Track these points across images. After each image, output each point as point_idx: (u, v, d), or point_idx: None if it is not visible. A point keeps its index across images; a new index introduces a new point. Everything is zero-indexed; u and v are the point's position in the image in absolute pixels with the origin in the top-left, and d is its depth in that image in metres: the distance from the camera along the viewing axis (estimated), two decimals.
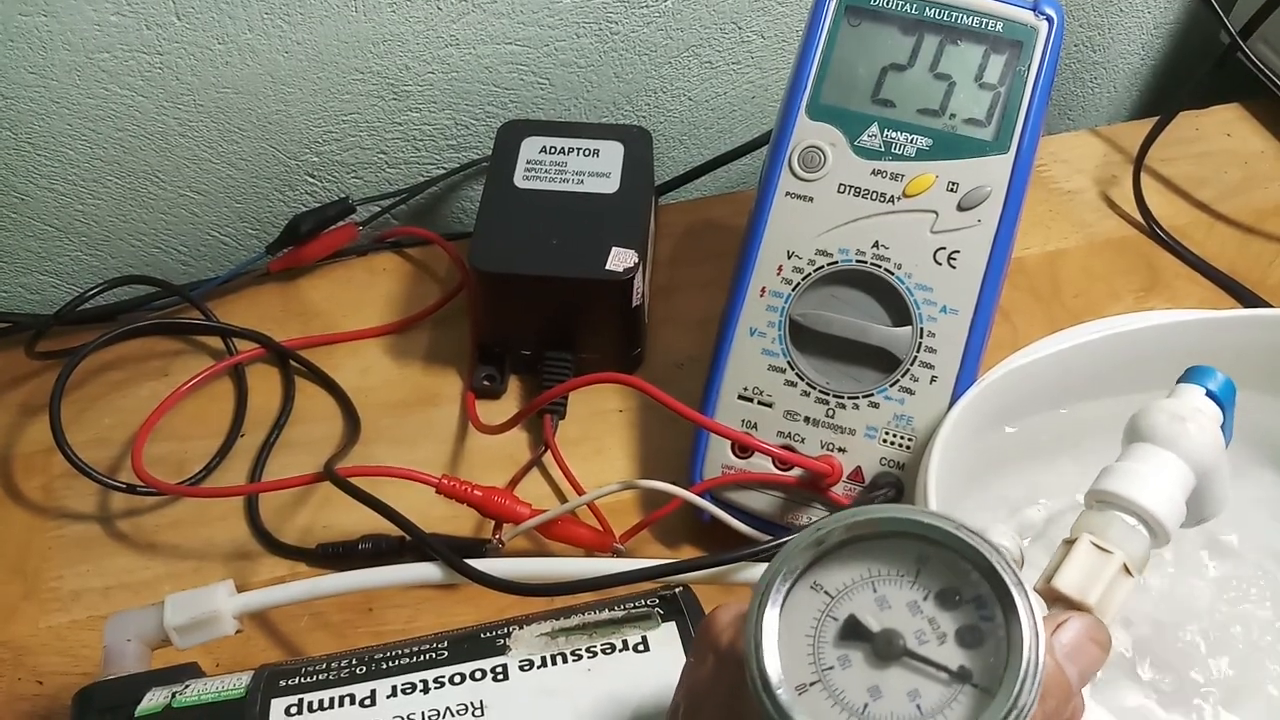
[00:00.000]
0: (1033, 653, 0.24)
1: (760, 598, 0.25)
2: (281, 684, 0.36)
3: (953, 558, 0.26)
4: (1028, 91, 0.47)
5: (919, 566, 0.26)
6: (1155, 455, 0.32)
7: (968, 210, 0.47)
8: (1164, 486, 0.31)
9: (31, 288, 0.65)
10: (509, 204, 0.55)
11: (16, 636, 0.49)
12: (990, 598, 0.25)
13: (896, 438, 0.47)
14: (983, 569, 0.25)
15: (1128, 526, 0.30)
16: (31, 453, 0.56)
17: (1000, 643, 0.24)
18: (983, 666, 0.24)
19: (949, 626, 0.25)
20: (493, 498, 0.48)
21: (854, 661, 0.25)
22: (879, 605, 0.26)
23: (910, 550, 0.26)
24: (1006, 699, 0.23)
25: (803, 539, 0.26)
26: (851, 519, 0.26)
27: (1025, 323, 0.59)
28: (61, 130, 0.58)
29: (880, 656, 0.25)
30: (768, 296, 0.48)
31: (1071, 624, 0.28)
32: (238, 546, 0.52)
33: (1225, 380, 0.34)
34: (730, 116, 0.71)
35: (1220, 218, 0.66)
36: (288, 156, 0.64)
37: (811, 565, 0.26)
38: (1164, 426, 0.32)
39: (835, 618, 0.26)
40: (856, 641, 0.25)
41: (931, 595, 0.25)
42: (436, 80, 0.63)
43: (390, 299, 0.62)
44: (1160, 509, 0.30)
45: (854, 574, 0.26)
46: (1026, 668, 0.24)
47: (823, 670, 0.25)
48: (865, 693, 0.25)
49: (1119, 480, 0.31)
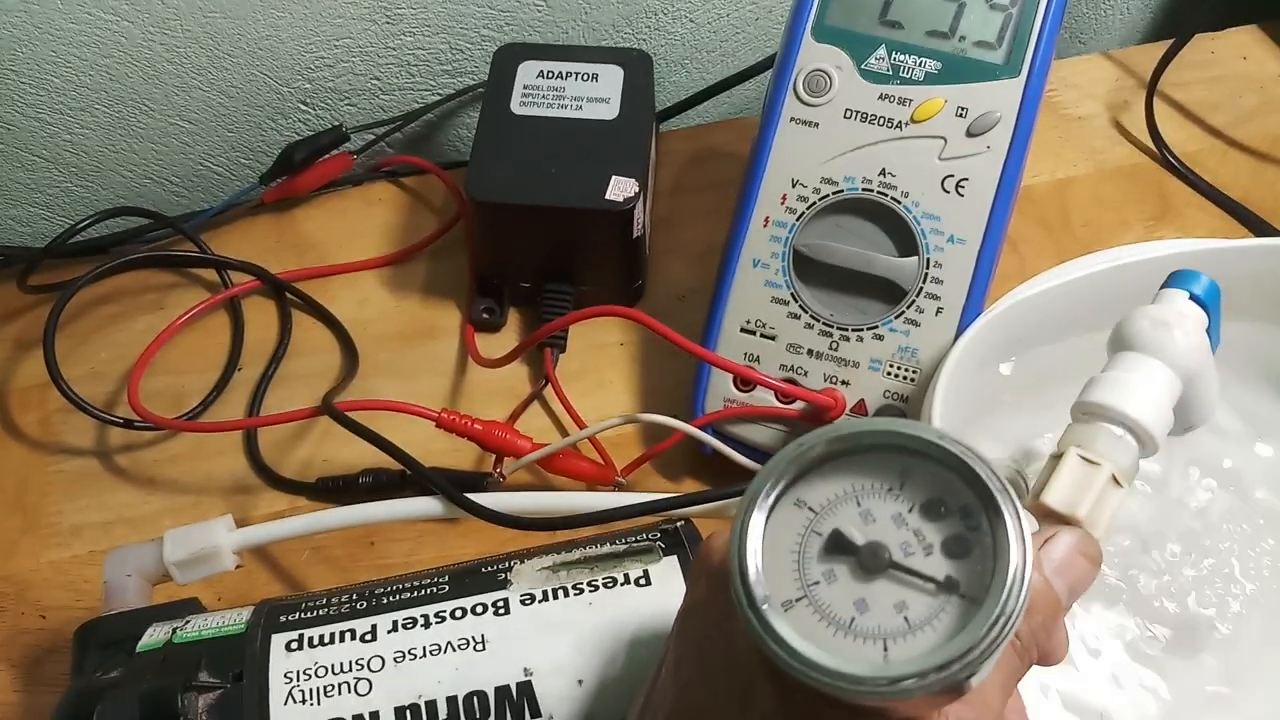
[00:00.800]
0: (1020, 560, 0.23)
1: (743, 516, 0.25)
2: (282, 619, 0.36)
3: (937, 468, 0.25)
4: (1040, 13, 0.46)
5: (903, 479, 0.25)
6: (1141, 363, 0.31)
7: (977, 136, 0.46)
8: (1150, 395, 0.30)
9: (22, 220, 0.64)
10: (506, 131, 0.54)
11: (18, 571, 0.49)
12: (975, 507, 0.24)
13: (901, 370, 0.47)
14: (967, 478, 0.25)
15: (1115, 437, 0.30)
16: (27, 387, 0.55)
17: (986, 552, 0.24)
18: (970, 576, 0.24)
19: (935, 537, 0.25)
20: (493, 431, 0.47)
21: (839, 576, 0.25)
22: (863, 519, 0.25)
23: (893, 463, 0.26)
24: (994, 607, 0.23)
25: (784, 455, 0.26)
26: (833, 434, 0.26)
27: (1033, 253, 0.58)
28: (45, 56, 0.57)
29: (866, 569, 0.25)
30: (771, 226, 0.47)
31: (1060, 538, 0.28)
32: (237, 481, 0.52)
33: (1210, 283, 0.33)
34: (733, 39, 0.69)
35: (1234, 144, 0.64)
36: (279, 83, 0.62)
37: (794, 482, 0.26)
38: (1148, 333, 0.31)
39: (819, 533, 0.25)
40: (841, 556, 0.25)
41: (916, 507, 0.25)
42: (431, 2, 0.61)
43: (386, 230, 0.61)
44: (1147, 417, 0.30)
45: (837, 489, 0.26)
46: (1013, 575, 0.23)
47: (808, 585, 0.25)
48: (852, 606, 0.24)
49: (1104, 390, 0.30)
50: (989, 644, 0.23)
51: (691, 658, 0.27)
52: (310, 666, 0.34)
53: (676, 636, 0.28)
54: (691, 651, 0.27)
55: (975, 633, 0.23)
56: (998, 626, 0.23)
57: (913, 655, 0.23)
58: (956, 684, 0.23)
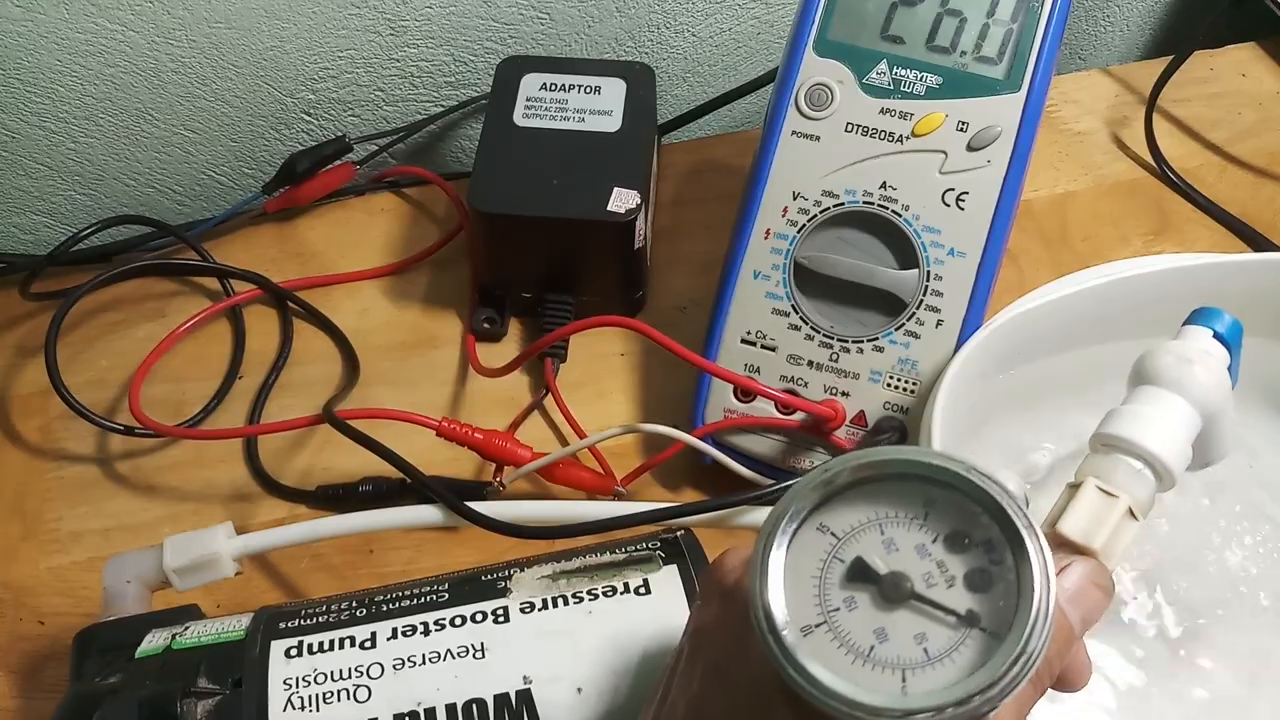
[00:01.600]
0: (1043, 597, 0.23)
1: (766, 538, 0.25)
2: (281, 626, 0.36)
3: (962, 500, 0.25)
4: (1040, 29, 0.46)
5: (927, 509, 0.25)
6: (1161, 398, 0.31)
7: (977, 150, 0.46)
8: (1170, 430, 0.30)
9: (24, 228, 0.64)
10: (508, 143, 0.54)
11: (18, 577, 0.49)
12: (1000, 541, 0.24)
13: (901, 382, 0.47)
14: (993, 511, 0.25)
15: (1133, 470, 0.30)
16: (29, 394, 0.55)
17: (1009, 587, 0.24)
18: (991, 611, 0.24)
19: (957, 570, 0.25)
20: (493, 440, 0.47)
21: (860, 604, 0.25)
22: (886, 547, 0.25)
23: (918, 492, 0.25)
24: (1016, 643, 0.23)
25: (810, 480, 0.26)
26: (859, 460, 0.25)
27: (1032, 267, 0.58)
28: (51, 65, 0.57)
29: (887, 599, 0.25)
30: (772, 238, 0.48)
31: (1074, 568, 0.28)
32: (237, 488, 0.52)
33: (1233, 321, 0.34)
34: (735, 53, 0.69)
35: (1233, 160, 0.65)
36: (283, 94, 0.62)
37: (818, 507, 0.26)
38: (1170, 369, 0.31)
39: (842, 559, 0.25)
40: (863, 584, 0.25)
41: (940, 538, 0.25)
42: (434, 15, 0.62)
43: (389, 240, 0.61)
44: (1166, 452, 0.30)
45: (861, 516, 0.26)
46: (1037, 612, 0.23)
47: (829, 612, 0.25)
48: (871, 635, 0.24)
49: (1125, 423, 0.31)
50: (1010, 681, 0.23)
51: (706, 678, 0.27)
52: (309, 673, 0.34)
53: (689, 655, 0.28)
54: (706, 672, 0.27)
55: (996, 669, 0.23)
56: (1020, 664, 0.23)
57: (931, 687, 0.23)
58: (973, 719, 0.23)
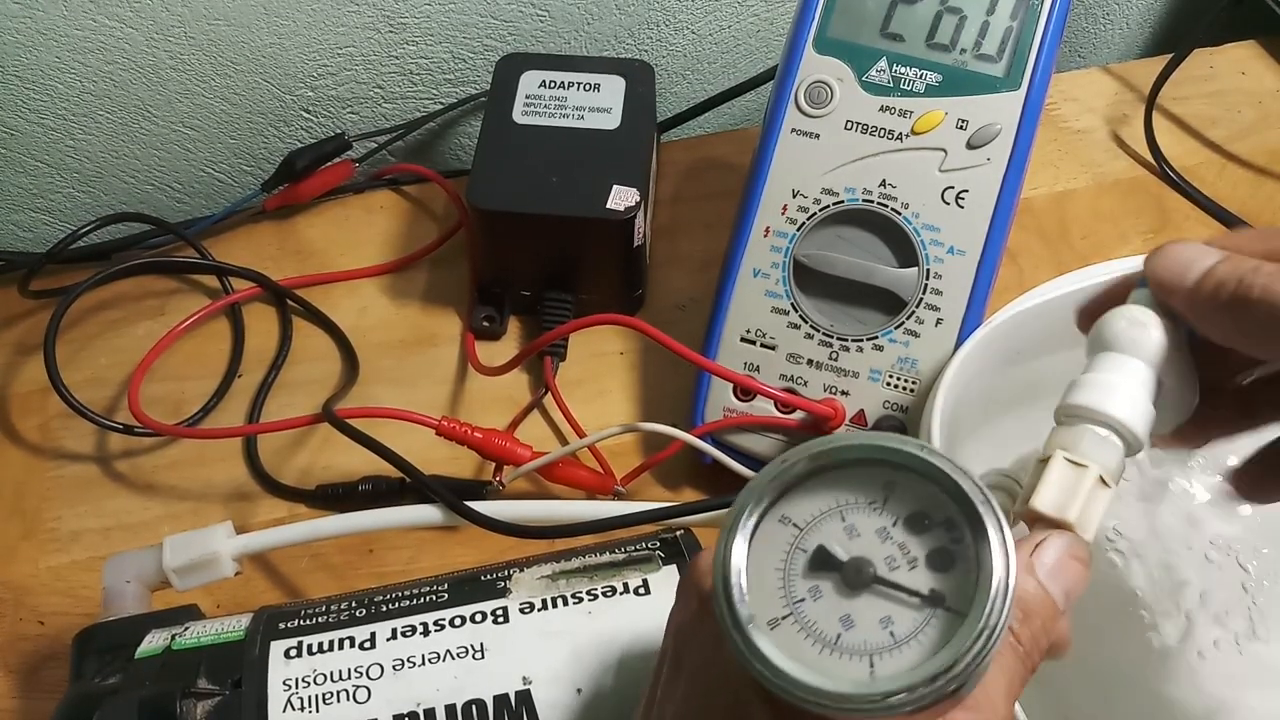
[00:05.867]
0: (1003, 572, 0.23)
1: (727, 534, 0.25)
2: (281, 626, 0.36)
3: (920, 482, 0.25)
4: (1040, 27, 0.46)
5: (886, 493, 0.25)
6: (1120, 363, 0.31)
7: (977, 149, 0.46)
8: (1130, 393, 0.30)
9: (24, 225, 0.64)
10: (508, 140, 0.54)
11: (17, 577, 0.49)
12: (959, 519, 0.24)
13: (900, 381, 0.47)
14: (950, 490, 0.25)
15: (1099, 438, 0.30)
16: (28, 392, 0.55)
17: (971, 564, 0.24)
18: (955, 589, 0.24)
19: (919, 551, 0.25)
20: (493, 439, 0.47)
21: (825, 592, 0.25)
22: (848, 534, 0.25)
23: (877, 477, 0.25)
24: (978, 619, 0.23)
25: (767, 473, 0.25)
26: (816, 449, 0.25)
27: (1032, 265, 0.58)
28: (49, 62, 0.57)
29: (850, 585, 0.24)
30: (772, 236, 0.48)
31: (1051, 543, 0.28)
32: (236, 488, 0.52)
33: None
34: (735, 51, 0.69)
35: (1232, 158, 0.65)
36: (282, 91, 0.62)
37: (779, 499, 0.26)
38: (1125, 333, 0.31)
39: (804, 549, 0.25)
40: (826, 572, 0.25)
41: (900, 521, 0.25)
42: (433, 12, 0.61)
43: (388, 237, 0.61)
44: (1130, 417, 0.30)
45: (822, 504, 0.25)
46: (997, 587, 0.23)
47: (794, 603, 0.25)
48: (838, 623, 0.24)
49: (1085, 392, 0.30)
50: (974, 657, 0.23)
51: (688, 680, 0.27)
52: (309, 674, 0.34)
53: (671, 658, 0.28)
54: (687, 674, 0.27)
55: (960, 646, 0.23)
56: (982, 639, 0.23)
57: (898, 670, 0.23)
58: (944, 697, 0.23)
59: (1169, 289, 0.30)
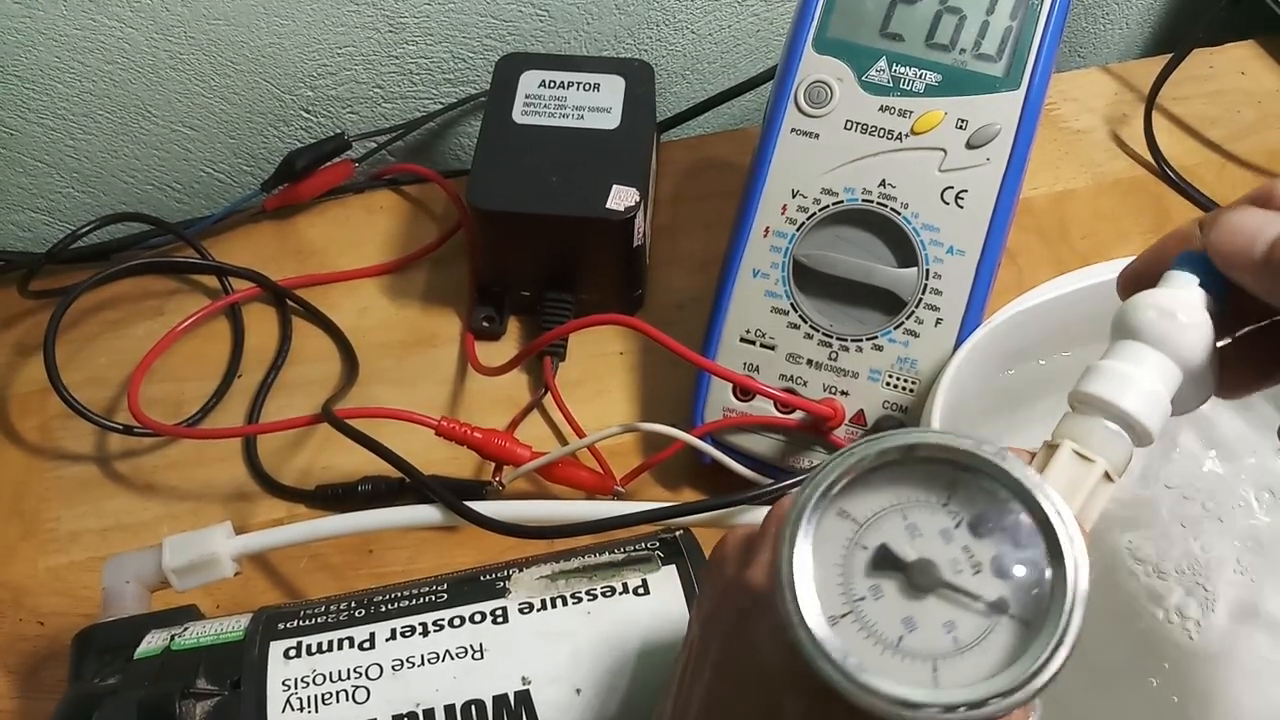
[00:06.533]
0: (1077, 583, 0.23)
1: (792, 526, 0.24)
2: (280, 627, 0.36)
3: (987, 484, 0.24)
4: (1040, 26, 0.46)
5: (950, 493, 0.25)
6: (1142, 354, 0.29)
7: (976, 148, 0.46)
8: (1150, 389, 0.29)
9: (23, 225, 0.64)
10: (507, 140, 0.54)
11: (16, 577, 0.49)
12: (1026, 525, 0.24)
13: (900, 381, 0.47)
14: (1020, 495, 0.24)
15: (1111, 433, 0.28)
16: (27, 393, 0.55)
17: (1038, 572, 0.23)
18: (1020, 597, 0.23)
19: (984, 555, 0.24)
20: (492, 440, 0.47)
21: (886, 592, 0.24)
22: (909, 533, 0.24)
23: (940, 476, 0.25)
24: (1054, 632, 0.22)
25: (834, 465, 0.25)
26: (884, 444, 0.25)
27: (1031, 265, 0.58)
28: (49, 62, 0.57)
29: (916, 586, 0.24)
30: (771, 237, 0.48)
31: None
32: (236, 488, 0.52)
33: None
34: (734, 50, 0.69)
35: (1232, 158, 0.65)
36: (282, 91, 0.62)
37: (838, 492, 0.25)
38: (1153, 324, 0.29)
39: (864, 546, 0.24)
40: (889, 571, 0.24)
41: (964, 523, 0.24)
42: (433, 11, 0.61)
43: (387, 238, 0.61)
44: (1145, 413, 0.28)
45: (883, 501, 0.25)
46: (1073, 599, 0.23)
47: (854, 601, 0.24)
48: (899, 624, 0.24)
49: (1103, 382, 0.29)
50: (1054, 670, 0.22)
51: (715, 669, 0.27)
52: (308, 674, 0.34)
53: (698, 646, 0.28)
54: (715, 663, 0.27)
55: (1036, 658, 0.22)
56: (1060, 652, 0.22)
57: (963, 678, 0.23)
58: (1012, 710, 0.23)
59: (1234, 262, 0.28)
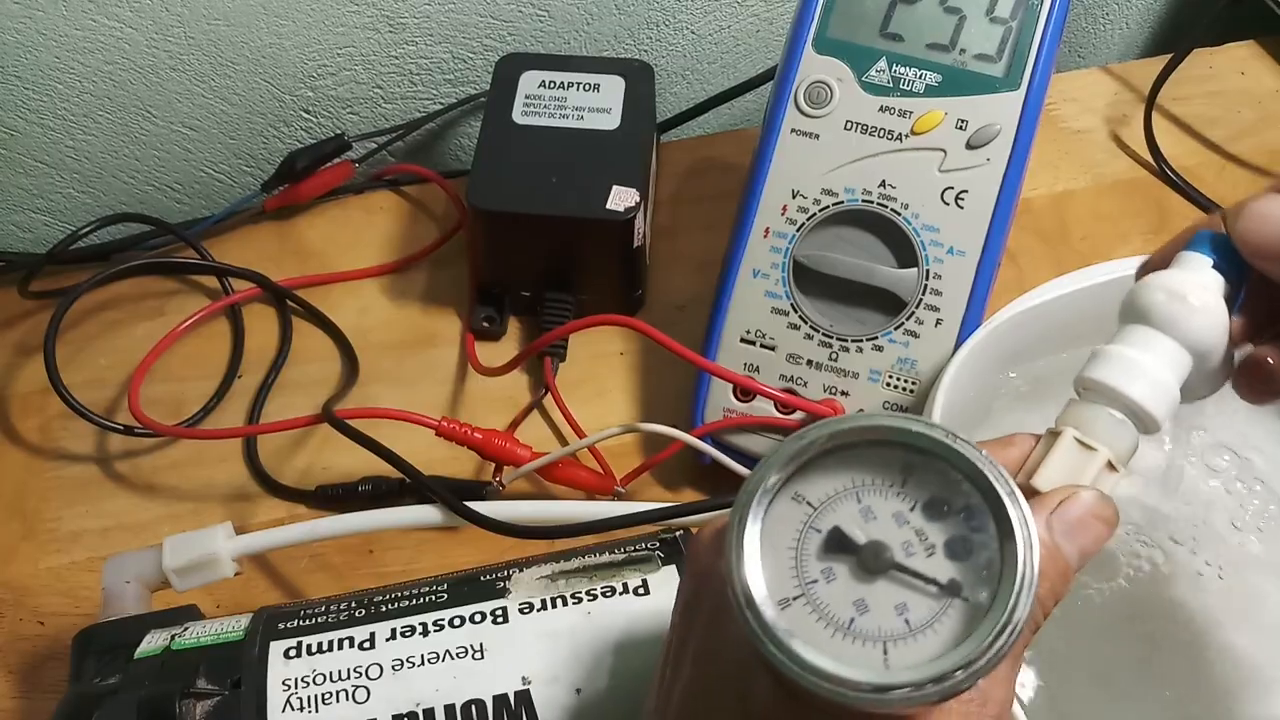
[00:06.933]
0: (1027, 566, 0.23)
1: (741, 510, 0.24)
2: (280, 627, 0.36)
3: (941, 466, 0.24)
4: (1040, 27, 0.46)
5: (904, 476, 0.25)
6: (1151, 340, 0.28)
7: (976, 149, 0.46)
8: (1157, 376, 0.28)
9: (24, 225, 0.64)
10: (507, 140, 0.54)
11: (17, 577, 0.49)
12: (980, 508, 0.24)
13: (900, 381, 0.47)
14: (973, 477, 0.24)
15: (1115, 421, 0.27)
16: (28, 393, 0.55)
17: (992, 555, 0.23)
18: (972, 579, 0.23)
19: (937, 538, 0.24)
20: (493, 440, 0.47)
21: (839, 575, 0.24)
22: (864, 516, 0.24)
23: (895, 459, 0.25)
24: (1000, 614, 0.22)
25: (785, 449, 0.25)
26: (836, 426, 0.25)
27: (1031, 265, 0.58)
28: (49, 63, 0.57)
29: (867, 569, 0.24)
30: (771, 237, 0.48)
31: (1078, 499, 0.26)
32: (236, 488, 0.52)
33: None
34: (734, 51, 0.69)
35: (1232, 158, 0.65)
36: (282, 91, 0.62)
37: (792, 476, 0.25)
38: (1162, 307, 0.28)
39: (818, 529, 0.24)
40: (841, 554, 0.24)
41: (919, 506, 0.24)
42: (433, 12, 0.61)
43: (388, 238, 0.61)
44: (1152, 402, 0.27)
45: (837, 484, 0.25)
46: (1021, 582, 0.23)
47: (806, 584, 0.24)
48: (851, 606, 0.24)
49: (1109, 368, 0.28)
50: (995, 653, 0.22)
51: (691, 657, 0.27)
52: (308, 674, 0.34)
53: (676, 637, 0.28)
54: (690, 650, 0.27)
55: (980, 641, 0.22)
56: (1005, 635, 0.22)
57: (913, 660, 0.23)
58: (957, 692, 0.23)
59: (1263, 253, 0.28)
